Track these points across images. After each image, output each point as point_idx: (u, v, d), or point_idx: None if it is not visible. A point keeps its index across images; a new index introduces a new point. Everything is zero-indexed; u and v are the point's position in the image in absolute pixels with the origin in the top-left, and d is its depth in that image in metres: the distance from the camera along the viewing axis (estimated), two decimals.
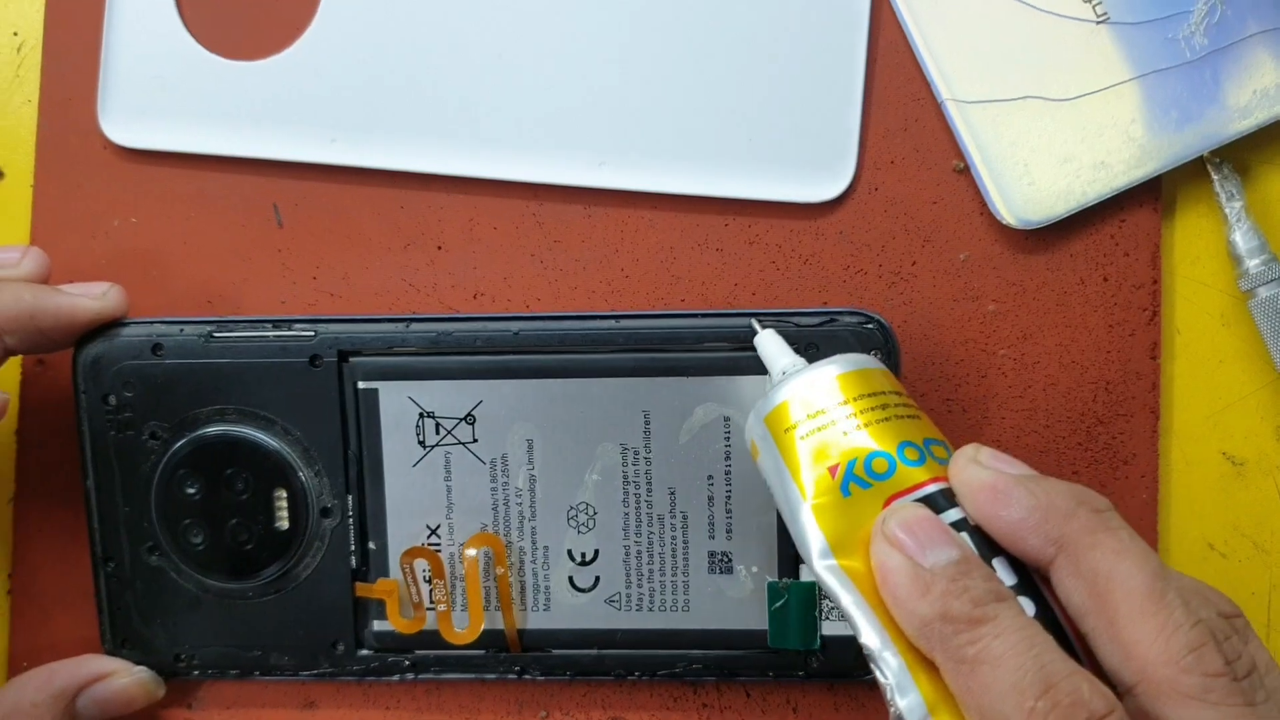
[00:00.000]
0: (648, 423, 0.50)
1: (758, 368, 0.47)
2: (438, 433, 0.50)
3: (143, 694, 0.52)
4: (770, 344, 0.46)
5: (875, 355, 0.47)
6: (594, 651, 0.52)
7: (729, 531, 0.50)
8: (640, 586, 0.51)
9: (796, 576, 0.50)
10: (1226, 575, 0.54)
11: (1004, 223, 0.52)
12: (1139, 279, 0.53)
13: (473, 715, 0.54)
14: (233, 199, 0.54)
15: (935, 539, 0.37)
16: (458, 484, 0.50)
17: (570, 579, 0.51)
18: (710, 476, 0.50)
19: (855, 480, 0.40)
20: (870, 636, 0.38)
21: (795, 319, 0.49)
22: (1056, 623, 0.37)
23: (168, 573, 0.51)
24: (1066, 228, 0.53)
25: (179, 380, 0.50)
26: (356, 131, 0.53)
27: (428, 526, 0.51)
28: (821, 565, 0.39)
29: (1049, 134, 0.52)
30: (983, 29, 0.52)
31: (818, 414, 0.41)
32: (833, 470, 0.40)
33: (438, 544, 0.51)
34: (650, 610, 0.51)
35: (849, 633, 0.40)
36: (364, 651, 0.52)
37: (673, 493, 0.50)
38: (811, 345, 0.48)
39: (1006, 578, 0.38)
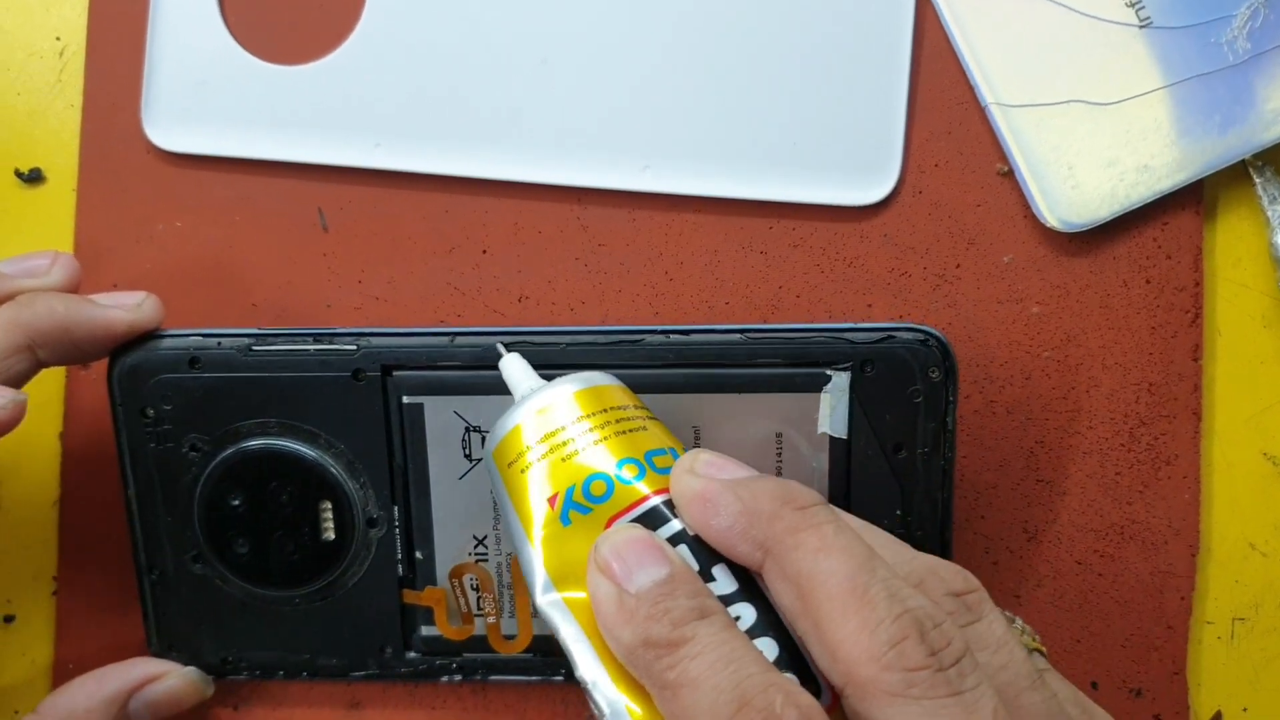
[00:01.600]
0: (697, 438, 0.44)
1: (812, 384, 0.42)
2: (484, 447, 0.45)
3: (193, 693, 0.48)
4: (514, 368, 0.40)
5: (933, 372, 0.42)
6: None
7: None
8: None
9: None
10: (1267, 574, 0.50)
11: (1047, 226, 0.48)
12: (1181, 281, 0.49)
13: (519, 716, 0.50)
14: (277, 203, 0.50)
15: (644, 560, 0.34)
16: None
17: None
18: None
19: (575, 507, 0.36)
20: (587, 669, 0.34)
21: (850, 334, 0.43)
22: (781, 627, 0.33)
23: (212, 580, 0.47)
24: (1109, 231, 0.49)
25: (218, 393, 0.45)
26: (401, 136, 0.49)
27: (474, 537, 0.46)
28: (544, 600, 0.35)
29: (1092, 137, 0.48)
30: (1026, 33, 0.49)
31: (543, 439, 0.37)
32: (552, 501, 0.36)
33: (484, 554, 0.46)
34: None
35: None
36: (412, 654, 0.48)
37: None
38: (868, 361, 0.43)
39: (727, 586, 0.34)
